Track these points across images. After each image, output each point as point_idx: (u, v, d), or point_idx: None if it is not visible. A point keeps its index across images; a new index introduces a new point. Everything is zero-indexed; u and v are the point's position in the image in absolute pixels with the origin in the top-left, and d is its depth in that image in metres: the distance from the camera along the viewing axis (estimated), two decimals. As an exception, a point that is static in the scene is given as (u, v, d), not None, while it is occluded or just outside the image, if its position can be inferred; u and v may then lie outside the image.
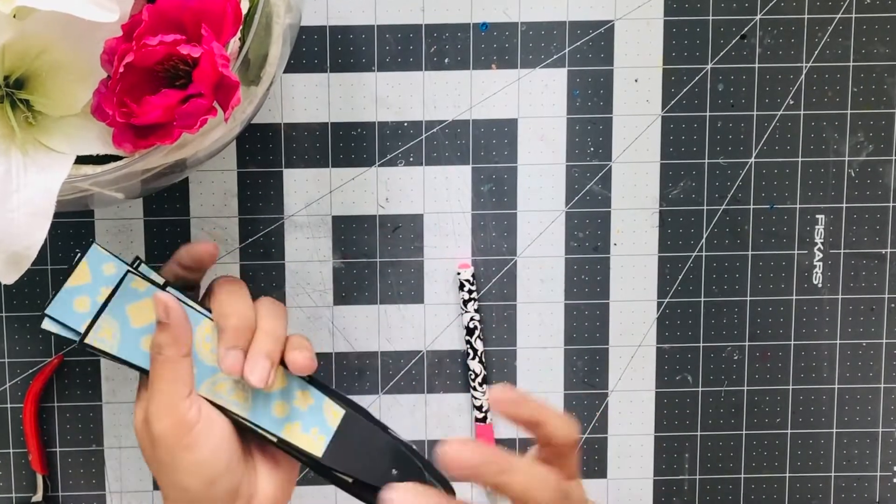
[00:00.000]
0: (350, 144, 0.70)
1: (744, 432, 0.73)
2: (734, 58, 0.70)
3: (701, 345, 0.72)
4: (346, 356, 0.72)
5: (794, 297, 0.72)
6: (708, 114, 0.71)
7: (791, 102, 0.71)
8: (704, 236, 0.72)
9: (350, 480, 0.61)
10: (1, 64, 0.52)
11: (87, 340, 0.60)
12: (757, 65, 0.71)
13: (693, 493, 0.74)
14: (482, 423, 0.72)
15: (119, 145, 0.53)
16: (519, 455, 0.55)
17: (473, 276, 0.71)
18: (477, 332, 0.71)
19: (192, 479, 0.58)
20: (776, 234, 0.72)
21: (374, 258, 0.71)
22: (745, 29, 0.70)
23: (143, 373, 0.60)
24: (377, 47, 0.70)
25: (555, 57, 0.70)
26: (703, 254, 0.72)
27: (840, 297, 0.72)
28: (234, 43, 0.53)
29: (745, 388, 0.73)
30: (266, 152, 0.70)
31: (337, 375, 0.72)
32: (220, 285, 0.62)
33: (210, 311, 0.61)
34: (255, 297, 0.62)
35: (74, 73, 0.52)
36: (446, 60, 0.70)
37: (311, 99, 0.70)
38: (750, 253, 0.72)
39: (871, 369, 0.73)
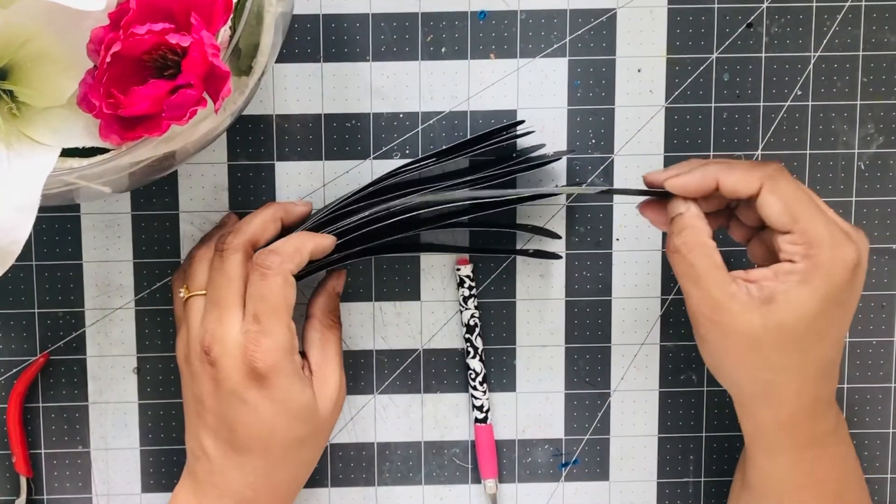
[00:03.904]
0: (344, 136, 0.71)
1: (750, 433, 0.73)
2: (740, 47, 0.71)
3: (706, 343, 0.73)
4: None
5: (803, 294, 0.72)
6: (713, 105, 0.71)
7: (799, 93, 0.71)
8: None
9: None
10: (-16, 54, 0.52)
11: None
12: (764, 54, 0.71)
13: (698, 495, 0.74)
14: (482, 424, 0.72)
15: (106, 137, 0.53)
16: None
17: (473, 272, 0.71)
18: (477, 330, 0.71)
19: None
20: (784, 229, 0.72)
21: (370, 253, 0.71)
22: (752, 17, 0.71)
23: None
24: (372, 36, 0.70)
25: (555, 46, 0.71)
26: (709, 249, 0.72)
27: (850, 293, 0.73)
28: (225, 32, 0.53)
29: (752, 387, 0.73)
30: (257, 145, 0.71)
31: (331, 375, 0.72)
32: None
33: None
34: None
35: (60, 63, 0.53)
36: (443, 50, 0.70)
37: (303, 90, 0.70)
38: (757, 248, 0.72)
39: (882, 368, 0.73)
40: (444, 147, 0.68)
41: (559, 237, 0.71)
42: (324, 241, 0.65)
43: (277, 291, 0.63)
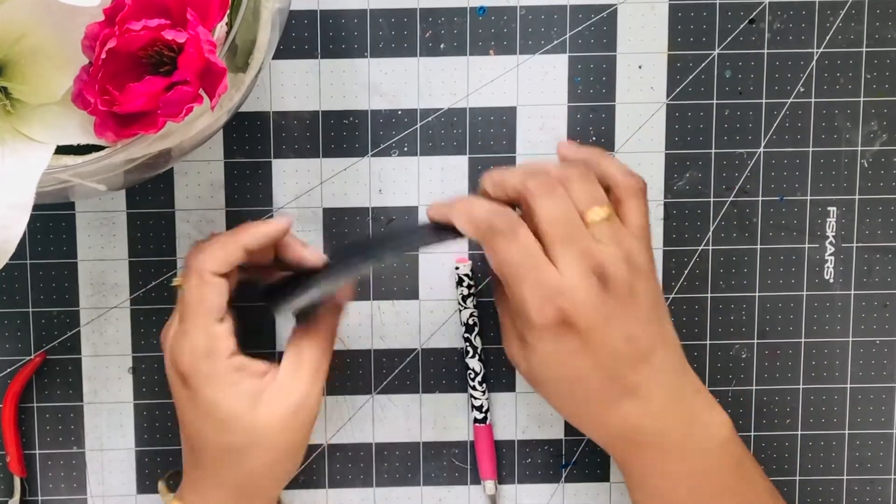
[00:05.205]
0: (342, 134, 0.71)
1: (752, 434, 0.74)
2: (742, 43, 0.71)
3: (707, 342, 0.73)
4: (338, 354, 0.72)
5: (805, 293, 0.73)
6: (715, 101, 0.71)
7: (801, 90, 0.71)
8: (711, 229, 0.72)
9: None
10: (-22, 50, 0.53)
11: None
12: (766, 50, 0.71)
13: (699, 496, 0.74)
14: (481, 424, 0.72)
15: (101, 134, 0.53)
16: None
17: (472, 270, 0.71)
18: (476, 329, 0.72)
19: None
20: (786, 228, 0.72)
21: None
22: (754, 13, 0.71)
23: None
24: (370, 32, 0.70)
25: (555, 42, 0.71)
26: (710, 248, 0.72)
27: (853, 292, 0.73)
28: (221, 28, 0.53)
29: (754, 387, 0.73)
30: (254, 142, 0.71)
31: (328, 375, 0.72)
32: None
33: None
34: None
35: (54, 60, 0.53)
36: (442, 46, 0.70)
37: (300, 86, 0.70)
38: (759, 247, 0.72)
39: (885, 368, 0.73)
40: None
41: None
42: (268, 227, 0.64)
43: (192, 291, 0.62)
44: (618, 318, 0.60)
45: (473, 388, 0.72)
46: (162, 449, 0.72)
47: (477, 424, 0.72)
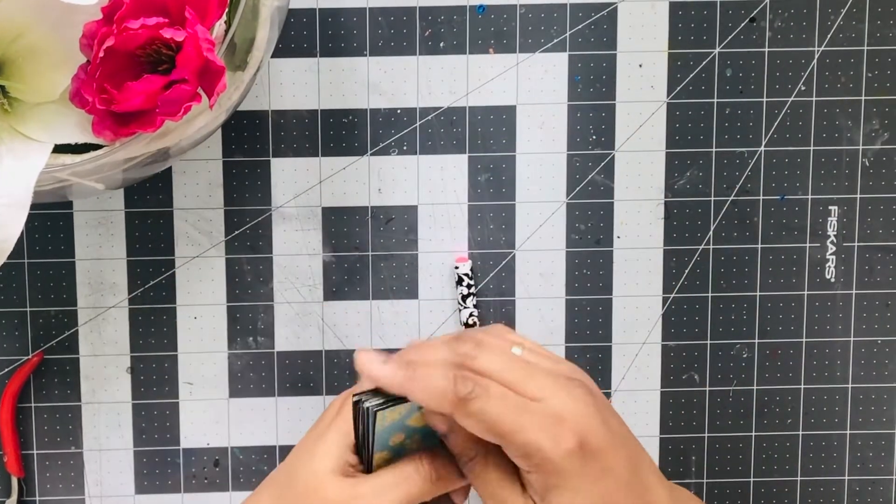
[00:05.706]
0: (341, 132, 0.71)
1: (753, 434, 0.74)
2: (743, 41, 0.71)
3: (708, 342, 0.73)
4: (338, 354, 0.72)
5: (806, 293, 0.73)
6: (715, 100, 0.71)
7: (803, 88, 0.71)
8: (712, 229, 0.72)
9: None
10: (-25, 48, 0.52)
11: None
12: (767, 49, 0.71)
13: (700, 496, 0.74)
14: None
15: (99, 133, 0.53)
16: None
17: (472, 270, 0.71)
18: (474, 330, 0.72)
19: None
20: (787, 227, 0.72)
21: (367, 251, 0.72)
22: (755, 11, 0.71)
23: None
24: (369, 31, 0.70)
25: (555, 41, 0.71)
26: (711, 247, 0.72)
27: (854, 292, 0.73)
28: (220, 26, 0.53)
29: (755, 387, 0.73)
30: (253, 141, 0.71)
31: (327, 374, 0.72)
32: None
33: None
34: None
35: (52, 58, 0.53)
36: (442, 44, 0.70)
37: (300, 85, 0.70)
38: (760, 246, 0.72)
39: (887, 368, 0.73)
40: None
41: None
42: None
43: None
44: (615, 429, 0.57)
45: (473, 387, 0.72)
46: (160, 449, 0.72)
47: (476, 424, 0.72)
